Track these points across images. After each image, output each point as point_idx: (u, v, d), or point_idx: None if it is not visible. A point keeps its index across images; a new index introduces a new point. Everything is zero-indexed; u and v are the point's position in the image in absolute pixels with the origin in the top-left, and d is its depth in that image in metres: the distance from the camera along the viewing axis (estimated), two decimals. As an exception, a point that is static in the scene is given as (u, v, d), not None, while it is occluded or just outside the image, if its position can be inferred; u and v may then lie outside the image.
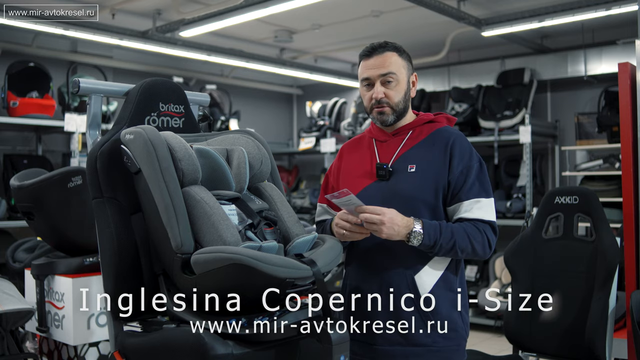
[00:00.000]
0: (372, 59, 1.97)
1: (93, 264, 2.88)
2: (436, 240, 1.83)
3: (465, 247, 1.87)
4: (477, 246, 1.88)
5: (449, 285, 1.94)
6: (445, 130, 2.01)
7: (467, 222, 1.90)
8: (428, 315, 1.89)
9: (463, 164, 1.93)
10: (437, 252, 1.86)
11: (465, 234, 1.87)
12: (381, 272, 1.93)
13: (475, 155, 1.97)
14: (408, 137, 2.00)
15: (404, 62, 1.99)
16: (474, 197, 1.90)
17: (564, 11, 4.64)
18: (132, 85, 1.96)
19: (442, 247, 1.84)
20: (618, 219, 3.49)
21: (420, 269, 1.91)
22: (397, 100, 1.96)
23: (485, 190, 1.93)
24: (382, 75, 1.94)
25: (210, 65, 6.73)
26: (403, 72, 1.97)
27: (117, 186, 1.78)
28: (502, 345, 4.71)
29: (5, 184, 4.90)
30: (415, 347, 1.90)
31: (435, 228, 1.84)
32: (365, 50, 1.99)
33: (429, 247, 1.84)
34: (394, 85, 1.95)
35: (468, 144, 1.99)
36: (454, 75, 6.45)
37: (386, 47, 1.97)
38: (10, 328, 2.81)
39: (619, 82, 2.90)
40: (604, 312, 2.58)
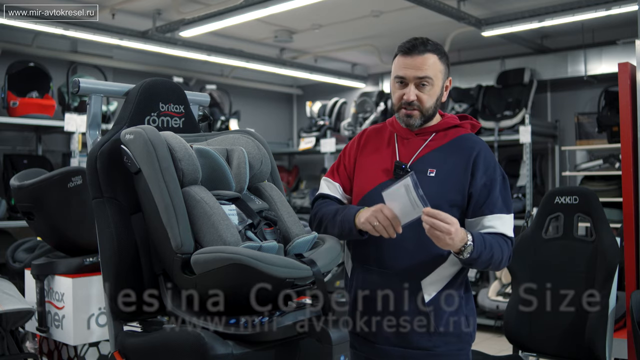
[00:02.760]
0: (410, 57, 1.87)
1: (93, 264, 2.88)
2: (480, 253, 1.78)
3: (497, 259, 1.83)
4: (503, 257, 1.86)
5: (454, 291, 1.92)
6: (470, 138, 1.96)
7: (495, 235, 1.86)
8: (431, 320, 1.88)
9: (487, 177, 1.88)
10: (475, 265, 1.81)
11: (499, 247, 1.84)
12: (387, 274, 1.92)
13: (499, 169, 1.92)
14: (431, 138, 1.95)
15: (442, 66, 1.91)
16: (497, 212, 1.86)
17: (564, 11, 4.64)
18: (132, 85, 1.96)
19: (481, 259, 1.79)
20: (618, 219, 3.49)
21: (428, 273, 1.89)
22: (428, 105, 1.90)
23: (507, 207, 1.89)
24: (419, 78, 1.87)
25: (210, 65, 6.73)
26: (439, 76, 1.90)
27: (117, 186, 1.78)
28: (502, 345, 4.71)
29: (5, 184, 4.90)
30: (415, 350, 1.89)
31: (481, 241, 1.79)
32: (405, 46, 1.89)
33: (473, 259, 1.78)
34: (429, 89, 1.88)
35: (492, 156, 1.94)
36: (454, 75, 6.41)
37: (426, 46, 1.88)
38: (10, 328, 2.81)
39: (619, 82, 2.90)
40: (604, 312, 2.58)
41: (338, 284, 4.68)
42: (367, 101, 6.84)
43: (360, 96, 6.98)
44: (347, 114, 7.28)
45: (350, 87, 7.55)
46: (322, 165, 7.23)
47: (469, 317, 1.94)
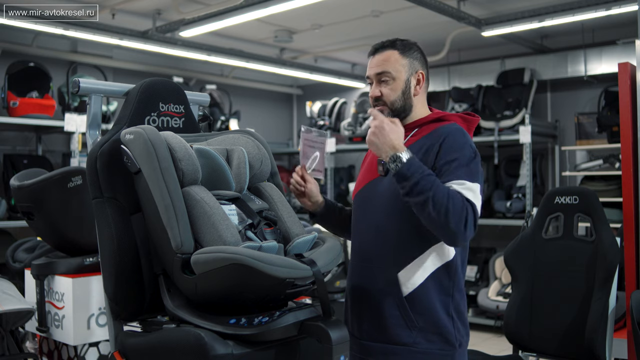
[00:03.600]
0: (373, 56, 1.97)
1: (93, 264, 2.88)
2: (413, 175, 1.72)
3: (440, 204, 1.70)
4: (453, 211, 1.70)
5: (438, 287, 1.88)
6: (448, 127, 1.93)
7: (452, 190, 1.78)
8: (409, 314, 1.85)
9: (450, 155, 1.83)
10: (410, 193, 1.74)
11: (447, 194, 1.72)
12: (368, 267, 1.93)
13: (468, 147, 1.85)
14: (412, 134, 1.97)
15: (405, 60, 1.94)
16: (457, 179, 1.78)
17: (564, 11, 4.64)
18: (132, 85, 1.96)
19: (417, 186, 1.72)
20: (618, 219, 3.49)
21: (405, 266, 1.86)
22: (392, 98, 1.93)
23: (472, 175, 1.81)
24: (378, 74, 1.94)
25: (210, 65, 6.73)
26: (401, 70, 1.93)
27: (117, 186, 1.78)
28: (502, 345, 4.71)
29: (5, 184, 4.90)
30: (395, 345, 1.87)
31: (420, 167, 1.75)
32: (370, 50, 1.99)
33: (405, 177, 1.74)
34: (390, 83, 1.93)
35: (463, 138, 1.88)
36: (454, 75, 6.45)
37: (389, 45, 1.95)
38: (10, 328, 2.81)
39: (619, 82, 2.90)
40: (604, 312, 2.58)
41: (338, 284, 4.68)
42: (367, 101, 6.84)
43: (360, 96, 6.98)
44: (347, 114, 7.28)
45: (350, 87, 7.55)
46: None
47: (455, 317, 1.90)
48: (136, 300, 1.79)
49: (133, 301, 1.79)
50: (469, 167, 1.82)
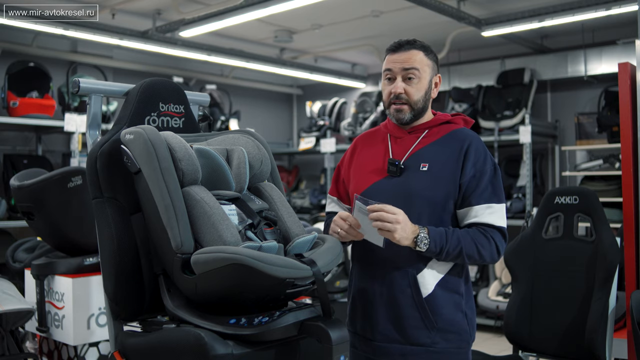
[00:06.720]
0: (397, 54, 1.94)
1: (93, 264, 2.89)
2: (442, 247, 1.81)
3: (472, 254, 1.85)
4: (485, 253, 1.86)
5: (452, 287, 1.92)
6: (462, 132, 1.98)
7: (475, 228, 1.88)
8: (429, 315, 1.88)
9: (476, 168, 1.90)
10: (445, 258, 1.85)
11: (472, 241, 1.85)
12: (383, 270, 1.93)
13: (489, 160, 1.94)
14: (424, 135, 1.98)
15: (430, 61, 1.95)
16: (485, 202, 1.88)
17: (564, 11, 4.64)
18: (132, 85, 1.96)
19: (448, 253, 1.82)
20: (618, 219, 3.50)
21: (423, 268, 1.90)
22: (416, 98, 1.93)
23: (497, 196, 1.90)
24: (405, 70, 1.92)
25: (210, 65, 6.73)
26: (427, 70, 1.94)
27: (117, 186, 1.78)
28: (502, 345, 4.71)
29: (5, 184, 4.90)
30: (414, 346, 1.89)
31: (441, 234, 1.82)
32: (391, 46, 1.96)
33: (436, 253, 1.82)
34: (416, 82, 1.92)
35: (483, 147, 1.96)
36: (454, 75, 6.45)
37: (413, 44, 1.94)
38: (10, 328, 2.81)
39: (619, 82, 2.90)
40: (604, 312, 2.58)
41: (338, 284, 4.68)
42: (367, 101, 6.84)
43: (360, 96, 6.98)
44: (347, 114, 7.28)
45: (350, 87, 7.55)
46: (322, 165, 7.23)
47: (468, 315, 1.95)
48: (136, 300, 1.79)
49: (133, 301, 1.79)
50: (494, 184, 1.91)
